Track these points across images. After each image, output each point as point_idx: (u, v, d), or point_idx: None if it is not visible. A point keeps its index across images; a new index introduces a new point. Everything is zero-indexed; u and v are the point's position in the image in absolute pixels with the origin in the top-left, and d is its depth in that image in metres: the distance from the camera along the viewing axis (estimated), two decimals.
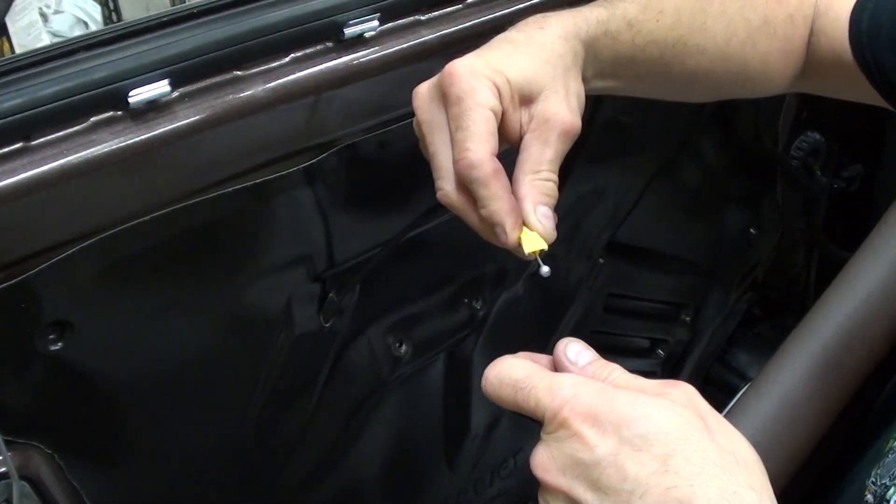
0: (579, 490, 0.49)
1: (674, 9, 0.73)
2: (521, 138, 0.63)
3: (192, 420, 0.82)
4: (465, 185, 0.61)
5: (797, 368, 0.94)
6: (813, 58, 0.81)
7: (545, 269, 0.61)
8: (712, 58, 0.76)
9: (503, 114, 0.62)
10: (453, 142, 0.61)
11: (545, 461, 0.51)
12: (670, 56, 0.74)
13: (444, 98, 0.62)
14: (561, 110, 0.63)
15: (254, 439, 0.88)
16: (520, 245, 0.61)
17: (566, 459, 0.49)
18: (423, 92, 0.64)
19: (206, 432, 0.84)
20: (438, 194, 0.63)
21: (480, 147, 0.59)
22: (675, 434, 0.47)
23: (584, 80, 0.68)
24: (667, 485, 0.46)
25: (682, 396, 0.50)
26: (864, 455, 0.75)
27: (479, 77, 0.61)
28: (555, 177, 0.62)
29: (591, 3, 0.71)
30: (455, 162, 0.60)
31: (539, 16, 0.68)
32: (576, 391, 0.50)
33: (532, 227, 0.61)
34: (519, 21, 0.69)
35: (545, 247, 0.61)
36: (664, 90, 0.80)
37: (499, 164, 0.60)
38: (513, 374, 0.53)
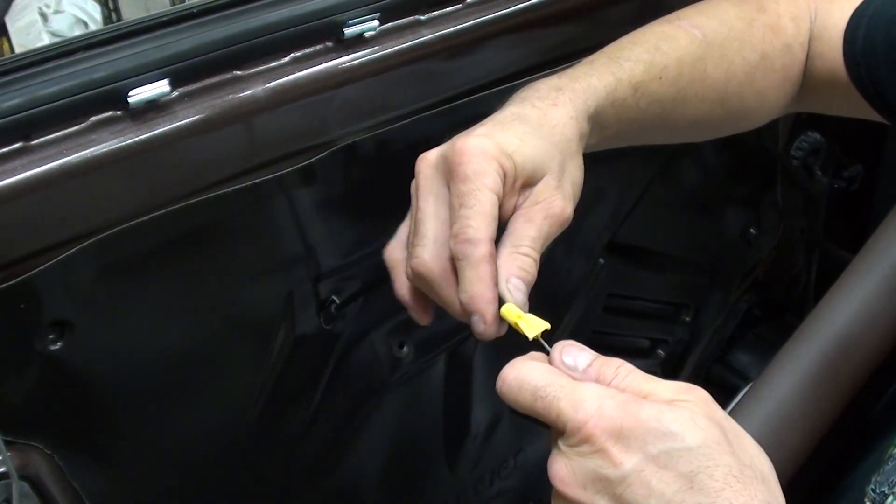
0: None
1: (676, 62, 0.73)
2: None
3: (192, 420, 0.82)
4: (453, 262, 0.59)
5: (794, 374, 0.94)
6: (809, 80, 0.82)
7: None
8: (711, 103, 0.77)
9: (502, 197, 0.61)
10: (455, 217, 0.59)
11: (565, 474, 0.50)
12: (670, 110, 0.74)
13: (451, 174, 0.60)
14: (555, 195, 0.62)
15: (254, 439, 0.87)
16: (497, 335, 0.59)
17: (589, 474, 0.49)
18: (431, 160, 0.63)
19: (206, 432, 0.84)
20: (413, 262, 0.61)
21: (483, 227, 0.58)
22: (699, 450, 0.48)
23: (587, 146, 0.68)
24: (692, 502, 0.47)
25: (698, 405, 0.50)
26: (863, 462, 0.75)
27: (489, 159, 0.59)
28: (535, 254, 0.61)
29: (599, 63, 0.71)
30: (453, 236, 0.59)
31: (552, 86, 0.67)
32: (600, 404, 0.49)
33: (502, 297, 0.59)
34: (532, 83, 0.68)
35: (548, 326, 0.58)
36: (663, 139, 0.81)
37: (494, 251, 0.59)
38: (533, 380, 0.52)
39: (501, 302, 0.59)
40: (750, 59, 0.78)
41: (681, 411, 0.49)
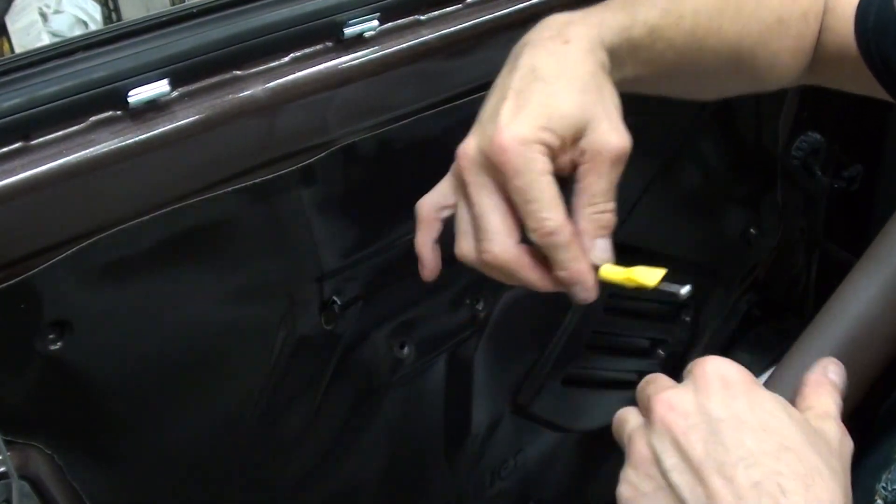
0: (694, 437, 0.51)
1: (692, 12, 0.73)
2: (575, 169, 0.63)
3: (193, 420, 0.82)
4: (542, 250, 0.62)
5: (800, 374, 0.94)
6: (820, 52, 0.82)
7: (685, 290, 0.62)
8: (724, 59, 0.77)
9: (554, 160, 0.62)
10: (525, 213, 0.61)
11: (674, 401, 0.53)
12: (686, 59, 0.74)
13: (499, 172, 0.61)
14: (611, 138, 0.62)
15: (255, 439, 0.87)
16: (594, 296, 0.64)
17: (694, 406, 0.52)
18: (471, 155, 0.62)
19: (206, 432, 0.84)
20: (485, 257, 0.62)
21: (556, 214, 0.60)
22: (794, 437, 0.51)
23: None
24: (775, 468, 0.49)
25: (825, 443, 0.54)
26: (868, 459, 0.75)
27: (530, 146, 0.60)
28: (611, 205, 0.63)
29: (614, 4, 0.71)
30: (534, 232, 0.61)
31: (562, 22, 0.67)
32: (724, 360, 0.55)
33: (592, 261, 0.63)
34: (542, 20, 0.68)
35: (664, 271, 0.62)
36: (674, 90, 0.81)
37: (573, 226, 0.62)
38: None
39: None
40: (766, 20, 0.78)
41: (787, 412, 0.53)
